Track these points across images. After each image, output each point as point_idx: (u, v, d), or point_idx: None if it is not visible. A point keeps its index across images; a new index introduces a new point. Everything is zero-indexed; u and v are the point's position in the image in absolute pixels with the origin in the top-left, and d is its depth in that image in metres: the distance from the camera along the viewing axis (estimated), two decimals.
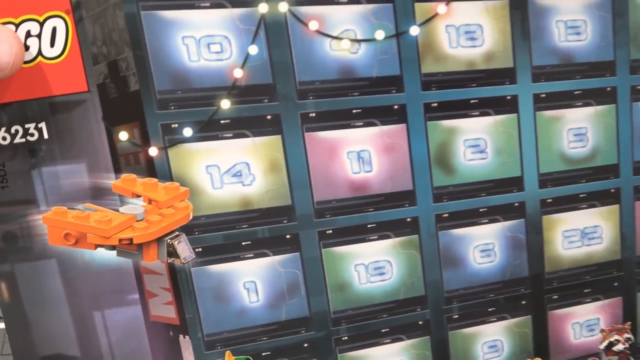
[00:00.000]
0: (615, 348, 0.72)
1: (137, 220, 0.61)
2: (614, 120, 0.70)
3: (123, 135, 0.62)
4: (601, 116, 0.70)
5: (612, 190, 0.71)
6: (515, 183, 0.69)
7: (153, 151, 0.62)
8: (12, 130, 0.62)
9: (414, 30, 0.62)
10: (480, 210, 0.68)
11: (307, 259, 0.68)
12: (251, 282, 0.67)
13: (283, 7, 0.60)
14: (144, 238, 0.61)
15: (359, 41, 0.63)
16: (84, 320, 0.68)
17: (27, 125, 0.63)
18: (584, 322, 0.74)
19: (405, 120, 0.65)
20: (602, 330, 0.72)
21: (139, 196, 0.63)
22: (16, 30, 0.60)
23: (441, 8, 0.62)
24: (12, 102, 0.64)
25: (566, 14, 0.67)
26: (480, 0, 0.65)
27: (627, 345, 0.75)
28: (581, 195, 0.70)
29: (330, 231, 0.68)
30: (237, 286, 0.67)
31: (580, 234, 0.72)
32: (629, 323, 0.72)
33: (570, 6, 0.66)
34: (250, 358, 0.72)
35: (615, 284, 0.74)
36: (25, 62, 0.62)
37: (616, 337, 0.72)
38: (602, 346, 0.72)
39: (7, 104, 0.63)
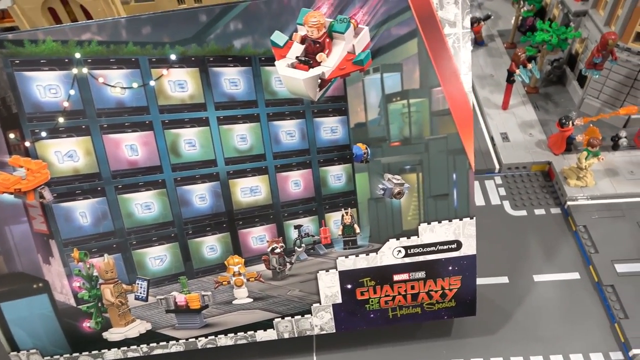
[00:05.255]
0: (276, 251, 1.00)
1: (22, 179, 0.94)
2: (259, 130, 0.96)
3: (12, 135, 0.91)
4: (255, 128, 0.96)
5: (263, 167, 0.99)
6: (212, 162, 0.97)
7: (27, 143, 0.91)
8: None
9: (152, 83, 0.90)
10: (196, 177, 0.97)
11: (111, 200, 0.97)
12: (83, 212, 0.96)
13: (85, 71, 0.88)
14: (27, 188, 0.93)
15: (124, 88, 0.91)
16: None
17: None
18: (258, 236, 1.02)
19: (153, 129, 0.94)
20: (268, 241, 1.00)
21: (21, 167, 0.92)
22: None
23: (165, 72, 0.90)
24: None
25: (229, 75, 0.93)
26: (183, 69, 0.90)
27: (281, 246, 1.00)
28: (248, 170, 0.98)
29: (120, 186, 0.96)
30: (76, 214, 0.96)
31: (250, 190, 1.00)
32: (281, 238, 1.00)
33: (232, 71, 0.92)
34: (88, 252, 0.99)
35: (271, 216, 1.01)
36: None
37: (274, 244, 1.00)
38: (269, 249, 1.00)
39: None
